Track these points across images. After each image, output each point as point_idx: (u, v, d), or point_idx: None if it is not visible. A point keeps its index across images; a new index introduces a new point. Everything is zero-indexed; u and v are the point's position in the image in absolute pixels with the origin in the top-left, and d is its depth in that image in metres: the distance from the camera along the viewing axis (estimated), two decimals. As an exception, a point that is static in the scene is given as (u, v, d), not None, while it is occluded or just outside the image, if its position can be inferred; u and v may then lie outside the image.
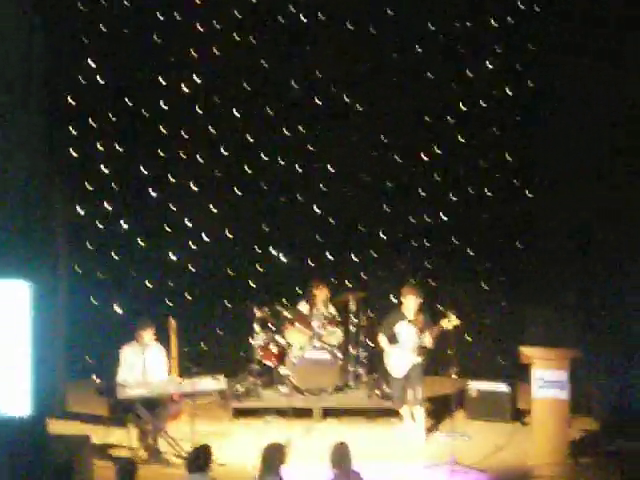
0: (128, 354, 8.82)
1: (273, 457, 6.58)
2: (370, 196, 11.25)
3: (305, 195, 11.29)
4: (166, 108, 11.02)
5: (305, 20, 11.00)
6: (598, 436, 9.13)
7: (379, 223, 11.25)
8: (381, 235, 11.27)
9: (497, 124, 10.99)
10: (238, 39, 11.00)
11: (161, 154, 11.09)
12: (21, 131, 7.47)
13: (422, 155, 11.14)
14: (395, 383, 9.35)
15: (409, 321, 9.29)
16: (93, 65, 10.81)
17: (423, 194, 11.18)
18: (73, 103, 10.75)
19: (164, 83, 10.99)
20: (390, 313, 9.51)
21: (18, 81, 7.54)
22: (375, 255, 11.26)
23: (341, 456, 6.72)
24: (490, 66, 10.89)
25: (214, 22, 10.92)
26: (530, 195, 10.92)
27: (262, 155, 11.20)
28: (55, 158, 9.85)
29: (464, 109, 11.01)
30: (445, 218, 11.18)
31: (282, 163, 11.23)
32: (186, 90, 11.05)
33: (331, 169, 11.24)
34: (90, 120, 10.88)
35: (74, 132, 10.82)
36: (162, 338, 9.09)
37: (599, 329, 9.64)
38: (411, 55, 10.95)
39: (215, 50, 11.01)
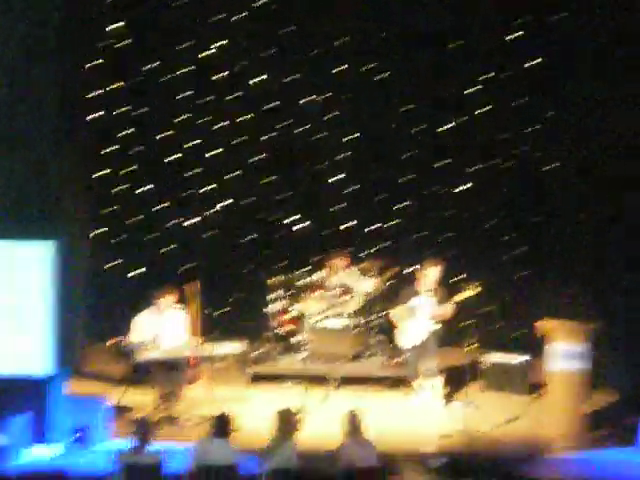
0: (144, 318, 8.85)
1: (287, 423, 6.62)
2: (390, 165, 11.18)
3: (324, 163, 11.25)
4: (186, 72, 10.98)
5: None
6: (616, 409, 9.12)
7: (399, 192, 11.20)
8: (400, 205, 11.22)
9: (522, 94, 10.87)
10: (256, 5, 10.92)
11: (180, 118, 11.07)
12: (41, 95, 7.48)
13: (444, 124, 11.06)
14: (410, 353, 9.35)
15: (428, 292, 9.27)
16: (111, 27, 10.78)
17: (445, 163, 11.12)
18: (93, 65, 10.73)
19: (184, 47, 10.94)
20: (405, 287, 9.48)
21: (36, 42, 7.53)
22: (395, 224, 11.22)
23: (354, 424, 6.74)
24: (518, 33, 10.76)
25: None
26: (551, 166, 10.84)
27: (281, 122, 11.15)
28: (75, 121, 9.85)
29: (487, 77, 10.91)
30: (466, 187, 11.12)
31: (301, 130, 11.19)
32: (206, 54, 11.00)
33: (351, 137, 11.18)
34: (110, 83, 10.87)
35: (93, 95, 10.81)
36: (181, 302, 9.12)
37: (618, 301, 9.59)
38: (436, 22, 10.83)
39: (234, 16, 10.94)
